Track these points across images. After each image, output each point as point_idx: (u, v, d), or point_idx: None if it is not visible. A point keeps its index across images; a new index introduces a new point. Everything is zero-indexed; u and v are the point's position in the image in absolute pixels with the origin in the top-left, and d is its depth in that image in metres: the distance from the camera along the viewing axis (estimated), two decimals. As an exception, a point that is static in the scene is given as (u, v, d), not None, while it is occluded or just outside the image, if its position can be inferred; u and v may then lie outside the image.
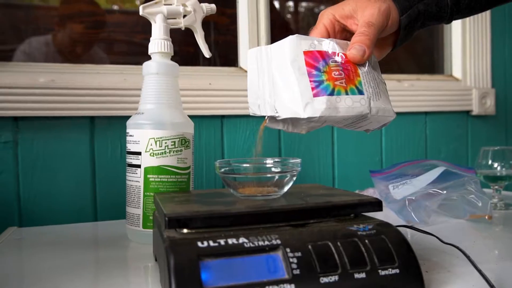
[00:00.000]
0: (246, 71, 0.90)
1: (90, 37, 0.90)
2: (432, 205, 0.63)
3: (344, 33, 0.50)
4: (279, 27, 1.01)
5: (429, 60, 1.12)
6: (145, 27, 0.60)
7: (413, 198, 0.63)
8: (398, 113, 0.96)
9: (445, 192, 0.63)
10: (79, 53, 0.90)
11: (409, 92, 0.97)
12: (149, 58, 0.58)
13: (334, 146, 0.93)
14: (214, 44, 0.95)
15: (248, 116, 0.84)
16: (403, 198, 0.64)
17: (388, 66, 1.04)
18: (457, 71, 1.06)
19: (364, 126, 0.46)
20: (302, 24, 1.12)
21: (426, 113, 0.99)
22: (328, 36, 0.49)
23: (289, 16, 1.12)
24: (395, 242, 0.37)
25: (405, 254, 0.37)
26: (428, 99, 0.98)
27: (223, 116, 0.84)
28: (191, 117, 0.60)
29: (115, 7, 0.98)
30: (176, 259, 0.33)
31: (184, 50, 0.91)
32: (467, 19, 1.04)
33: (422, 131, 1.00)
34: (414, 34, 0.51)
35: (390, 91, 0.92)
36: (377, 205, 0.41)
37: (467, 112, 1.03)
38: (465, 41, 1.05)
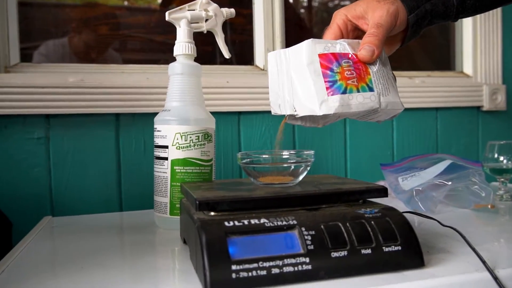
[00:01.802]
0: (261, 69, 0.95)
1: (107, 39, 0.97)
2: (438, 196, 0.69)
3: (356, 32, 0.54)
4: (294, 25, 1.06)
5: (440, 57, 1.15)
6: (165, 27, 0.66)
7: (421, 188, 0.69)
8: (409, 109, 1.01)
9: (450, 183, 0.69)
10: (94, 56, 0.96)
11: (421, 89, 1.01)
12: (169, 57, 0.64)
13: (346, 140, 0.97)
14: (230, 43, 1.00)
15: (263, 112, 0.90)
16: (411, 189, 0.70)
17: (400, 63, 1.09)
18: (468, 68, 1.10)
19: (375, 118, 0.51)
20: (316, 18, 1.17)
21: (437, 109, 1.04)
22: (342, 34, 0.53)
23: (302, 10, 1.16)
24: (398, 224, 0.43)
25: (407, 233, 0.43)
26: (439, 95, 1.03)
27: (240, 113, 0.90)
28: (210, 113, 0.66)
29: (126, 3, 1.04)
30: (207, 236, 0.39)
31: (202, 50, 0.97)
32: (478, 15, 1.08)
33: (433, 126, 1.04)
34: (421, 31, 0.54)
35: (402, 87, 0.99)
36: (383, 191, 0.47)
37: (478, 108, 1.07)
38: (476, 38, 1.09)
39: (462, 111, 1.06)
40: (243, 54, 0.99)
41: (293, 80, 0.48)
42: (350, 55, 0.48)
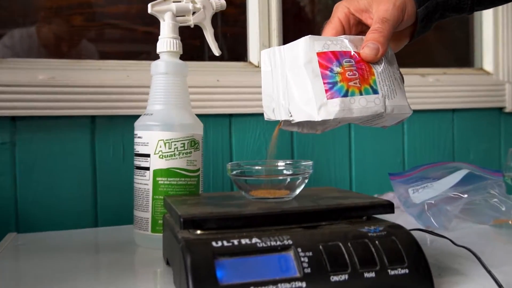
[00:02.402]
0: (256, 66, 0.96)
1: (81, 31, 0.98)
2: (453, 210, 0.70)
3: (359, 26, 0.54)
4: (293, 16, 1.08)
5: (457, 52, 1.17)
6: (148, 18, 0.66)
7: (433, 202, 0.70)
8: (422, 111, 1.02)
9: (466, 196, 0.70)
10: (66, 49, 0.97)
11: (435, 88, 1.03)
12: (153, 49, 0.64)
13: (351, 147, 0.98)
14: (221, 36, 1.00)
15: (258, 114, 0.91)
16: (422, 202, 0.71)
17: (411, 59, 1.10)
18: (488, 64, 1.11)
19: (380, 123, 0.52)
20: (319, 6, 1.18)
21: (453, 110, 1.05)
22: (343, 29, 0.54)
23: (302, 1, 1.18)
24: (405, 243, 0.45)
25: (415, 254, 0.44)
26: (456, 95, 1.04)
27: (231, 115, 0.90)
28: (197, 116, 0.67)
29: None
30: (192, 257, 0.40)
31: (189, 44, 0.98)
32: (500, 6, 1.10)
33: (449, 130, 1.06)
34: (432, 25, 0.55)
35: (413, 86, 1.01)
36: (389, 207, 0.49)
37: (500, 109, 1.08)
38: (498, 31, 1.10)
39: (481, 113, 1.07)
40: (235, 49, 1.00)
41: (288, 82, 0.48)
42: (352, 54, 0.49)
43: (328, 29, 0.54)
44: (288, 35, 0.97)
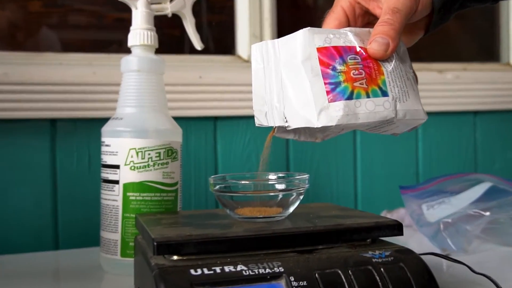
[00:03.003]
0: (245, 60, 0.97)
1: (42, 17, 0.98)
2: (473, 230, 0.70)
3: (366, 17, 0.55)
4: (289, 3, 1.07)
5: (480, 45, 1.19)
6: (119, 4, 0.67)
7: (450, 220, 0.70)
8: (439, 113, 1.04)
9: (489, 213, 0.71)
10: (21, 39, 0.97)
11: (454, 86, 1.03)
12: (124, 37, 0.65)
13: (356, 155, 0.99)
14: (206, 25, 1.00)
15: (248, 117, 0.92)
16: (438, 221, 0.72)
17: (426, 52, 1.10)
18: (516, 59, 1.13)
19: (390, 130, 0.52)
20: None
21: (475, 112, 1.06)
22: (348, 21, 0.54)
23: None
24: (415, 271, 0.45)
25: (426, 284, 0.44)
26: (479, 94, 1.05)
27: (216, 118, 0.91)
28: (176, 119, 0.67)
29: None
30: (167, 288, 0.41)
31: (167, 34, 0.98)
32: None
33: (470, 135, 1.06)
34: (451, 16, 0.56)
35: (429, 84, 1.02)
36: (396, 228, 0.49)
37: (530, 111, 1.10)
38: (527, 20, 1.12)
39: (508, 116, 1.09)
40: (221, 40, 1.01)
41: (284, 81, 0.49)
42: (357, 49, 0.49)
43: (330, 20, 0.54)
44: (284, 25, 0.99)
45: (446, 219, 0.71)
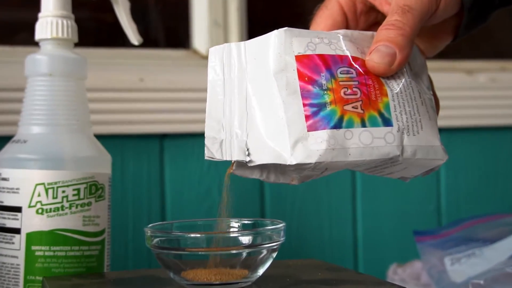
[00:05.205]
0: (203, 57, 0.97)
1: None
2: (515, 295, 0.70)
3: (372, 15, 0.56)
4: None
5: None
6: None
7: (482, 282, 0.68)
8: (468, 129, 1.04)
9: (534, 272, 0.70)
10: None
11: (488, 92, 1.04)
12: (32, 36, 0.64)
13: (356, 188, 0.99)
14: (150, 10, 1.01)
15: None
16: (466, 281, 0.71)
17: (451, 47, 1.12)
18: None
19: (396, 173, 0.51)
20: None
21: (518, 127, 1.06)
22: (345, 20, 0.54)
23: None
24: None
25: None
26: (522, 103, 1.05)
27: (163, 136, 0.90)
28: (105, 140, 0.67)
29: None
30: None
31: (94, 20, 0.97)
32: None
33: (510, 159, 1.07)
34: (490, 16, 0.56)
35: (454, 90, 1.01)
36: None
37: None
38: None
39: None
40: (171, 29, 1.00)
41: (249, 100, 0.48)
42: (353, 59, 0.49)
43: (321, 19, 0.54)
44: (256, 9, 0.99)
45: (477, 280, 0.68)
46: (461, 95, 1.03)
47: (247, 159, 0.47)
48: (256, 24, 0.98)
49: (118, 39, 0.96)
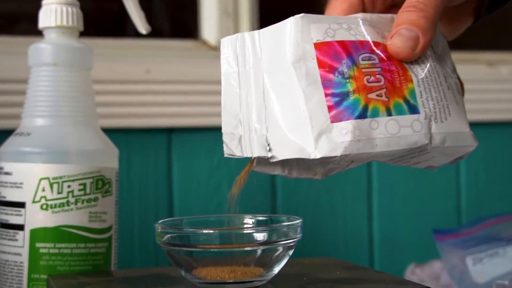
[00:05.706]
0: (213, 48, 0.97)
1: None
2: (542, 297, 0.69)
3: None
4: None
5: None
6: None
7: (507, 283, 0.68)
8: (489, 124, 1.04)
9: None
10: None
11: (510, 85, 1.04)
12: (34, 25, 0.64)
13: (372, 181, 0.98)
14: (160, 1, 1.02)
15: (216, 128, 0.89)
16: (489, 282, 0.70)
17: (471, 36, 1.10)
18: None
19: (423, 163, 0.51)
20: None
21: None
22: (362, 3, 0.53)
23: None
24: None
25: None
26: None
27: (171, 130, 0.89)
28: (112, 133, 0.66)
29: None
30: None
31: (100, 9, 0.96)
32: None
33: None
34: None
35: (475, 83, 1.01)
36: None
37: None
38: None
39: None
40: (179, 18, 0.99)
41: (267, 92, 0.48)
42: (374, 45, 0.48)
43: (338, 2, 0.53)
44: (268, 0, 0.99)
45: (501, 280, 0.69)
46: (481, 88, 1.03)
47: (269, 154, 0.47)
48: (268, 13, 0.97)
49: (125, 30, 0.95)
